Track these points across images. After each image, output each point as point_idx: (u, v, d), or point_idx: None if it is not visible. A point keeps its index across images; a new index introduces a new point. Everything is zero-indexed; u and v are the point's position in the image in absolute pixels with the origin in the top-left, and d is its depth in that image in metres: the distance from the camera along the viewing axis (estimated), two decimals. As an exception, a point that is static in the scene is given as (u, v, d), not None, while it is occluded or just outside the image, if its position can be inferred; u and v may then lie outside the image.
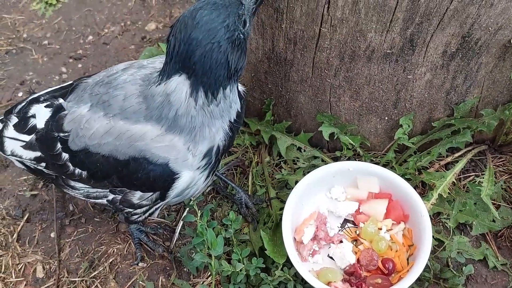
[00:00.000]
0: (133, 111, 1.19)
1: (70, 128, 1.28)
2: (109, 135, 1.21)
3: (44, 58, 2.10)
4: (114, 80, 1.26)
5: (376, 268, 1.41)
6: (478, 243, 1.53)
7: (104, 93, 1.25)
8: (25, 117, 1.39)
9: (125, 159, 1.21)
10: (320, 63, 1.41)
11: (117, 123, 1.21)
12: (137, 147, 1.19)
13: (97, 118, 1.23)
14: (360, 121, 1.57)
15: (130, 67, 1.29)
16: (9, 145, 1.40)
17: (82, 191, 1.37)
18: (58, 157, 1.31)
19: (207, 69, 1.09)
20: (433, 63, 1.38)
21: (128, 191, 1.30)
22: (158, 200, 1.31)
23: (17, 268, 1.57)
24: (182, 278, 1.53)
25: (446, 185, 1.54)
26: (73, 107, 1.31)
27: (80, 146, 1.26)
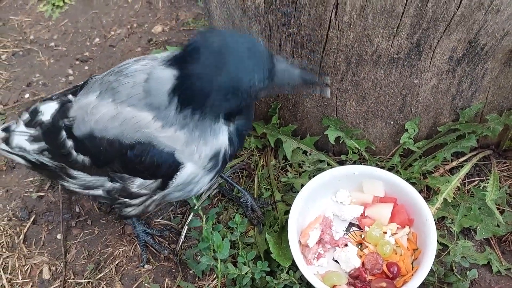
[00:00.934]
0: (138, 99, 1.19)
1: (75, 114, 1.29)
2: (115, 119, 1.21)
3: (50, 60, 2.11)
4: (125, 69, 1.27)
5: (381, 271, 1.42)
6: (482, 248, 1.53)
7: (114, 81, 1.25)
8: (35, 114, 1.41)
9: (131, 143, 1.21)
10: (327, 67, 1.42)
11: (124, 109, 1.20)
12: (144, 133, 1.19)
13: (105, 103, 1.24)
14: (366, 125, 1.58)
15: (142, 58, 1.29)
16: (16, 139, 1.41)
17: (81, 182, 1.37)
18: (62, 145, 1.32)
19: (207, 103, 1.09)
20: (439, 68, 1.38)
21: (128, 177, 1.29)
22: (158, 189, 1.30)
23: (24, 270, 1.58)
24: (188, 280, 1.53)
25: (451, 189, 1.55)
26: (81, 99, 1.32)
27: (85, 131, 1.26)
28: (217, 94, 1.07)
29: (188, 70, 1.07)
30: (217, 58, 1.04)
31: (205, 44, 1.06)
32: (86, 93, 1.32)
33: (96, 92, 1.29)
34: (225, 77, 1.05)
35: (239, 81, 1.06)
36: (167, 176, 1.25)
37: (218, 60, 1.04)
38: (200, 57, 1.05)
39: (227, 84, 1.06)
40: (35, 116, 1.41)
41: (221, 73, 1.04)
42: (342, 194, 1.55)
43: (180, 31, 2.18)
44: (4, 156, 1.62)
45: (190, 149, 1.20)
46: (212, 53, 1.05)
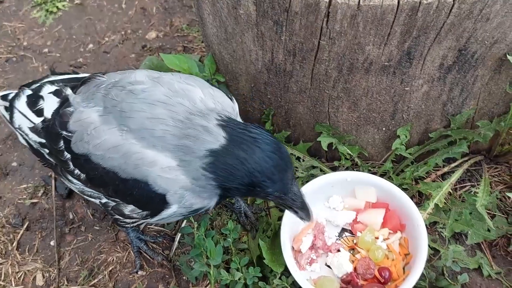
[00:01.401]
0: (155, 135, 1.16)
1: (74, 129, 1.26)
2: (116, 151, 1.18)
3: (44, 66, 2.11)
4: (141, 92, 1.22)
5: (373, 276, 1.43)
6: (473, 252, 1.55)
7: (125, 101, 1.21)
8: (37, 95, 1.39)
9: (125, 178, 1.20)
10: (319, 75, 1.43)
11: (129, 141, 1.17)
12: (142, 170, 1.17)
13: (108, 129, 1.20)
14: (358, 131, 1.59)
15: (159, 83, 1.24)
16: (18, 118, 1.40)
17: (78, 186, 1.37)
18: (61, 153, 1.31)
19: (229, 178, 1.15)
20: (430, 76, 1.40)
21: (121, 202, 1.31)
22: (147, 216, 1.31)
23: (17, 276, 1.58)
24: (181, 286, 1.54)
25: (442, 195, 1.56)
26: (80, 105, 1.28)
27: (82, 151, 1.24)
28: (242, 184, 1.16)
29: (235, 154, 1.13)
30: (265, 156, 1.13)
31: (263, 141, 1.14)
32: (87, 99, 1.28)
33: (99, 108, 1.24)
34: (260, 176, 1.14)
35: (268, 184, 1.15)
36: (154, 211, 1.26)
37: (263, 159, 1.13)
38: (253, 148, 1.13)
39: (258, 180, 1.14)
40: (37, 100, 1.37)
41: (260, 171, 1.13)
42: (335, 200, 1.56)
43: (174, 37, 2.18)
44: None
45: (182, 196, 1.21)
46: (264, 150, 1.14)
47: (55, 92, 1.39)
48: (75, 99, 1.31)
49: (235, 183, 1.16)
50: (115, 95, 1.24)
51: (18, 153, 1.84)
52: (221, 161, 1.14)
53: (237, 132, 1.15)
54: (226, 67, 1.61)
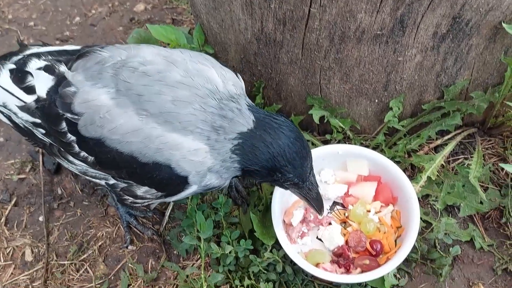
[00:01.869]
0: (180, 118, 1.15)
1: (81, 111, 1.20)
2: (135, 135, 1.15)
3: (30, 39, 2.06)
4: (156, 73, 1.18)
5: (364, 249, 1.42)
6: (466, 225, 1.54)
7: (141, 84, 1.17)
8: (23, 70, 1.31)
9: (145, 162, 1.17)
10: (310, 45, 1.39)
11: (150, 125, 1.15)
12: (164, 154, 1.16)
13: (123, 112, 1.16)
14: (350, 103, 1.57)
15: (172, 63, 1.21)
16: (1, 95, 1.31)
17: (81, 168, 1.32)
18: (62, 135, 1.25)
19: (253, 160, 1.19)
20: (424, 45, 1.37)
21: (135, 184, 1.27)
22: (162, 197, 1.29)
23: (6, 252, 1.56)
24: (172, 260, 1.53)
25: (435, 167, 1.55)
26: (84, 84, 1.22)
27: (94, 135, 1.19)
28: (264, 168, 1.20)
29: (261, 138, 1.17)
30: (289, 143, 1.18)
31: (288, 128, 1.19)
32: (92, 79, 1.21)
33: (110, 89, 1.19)
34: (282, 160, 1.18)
35: (289, 169, 1.20)
36: (173, 192, 1.26)
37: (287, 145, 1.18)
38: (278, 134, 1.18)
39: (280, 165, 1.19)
40: (24, 76, 1.29)
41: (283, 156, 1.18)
42: (326, 173, 1.54)
43: (163, 10, 2.13)
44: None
45: (204, 176, 1.21)
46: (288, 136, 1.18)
47: (46, 68, 1.30)
48: (74, 77, 1.24)
49: (258, 166, 1.20)
50: (127, 77, 1.19)
51: (4, 128, 1.80)
52: (248, 144, 1.18)
53: (263, 117, 1.20)
54: (215, 37, 1.56)
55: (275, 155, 1.17)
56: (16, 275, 1.53)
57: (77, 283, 1.51)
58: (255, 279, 1.43)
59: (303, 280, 1.45)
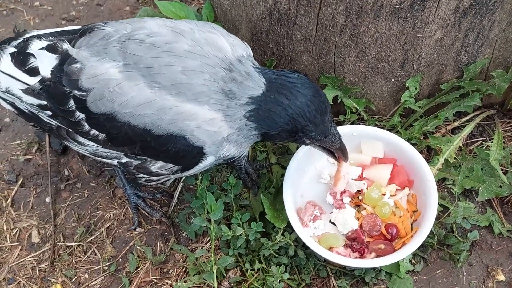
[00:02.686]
0: (193, 89, 1.12)
1: (89, 86, 1.16)
2: (149, 107, 1.12)
3: (36, 19, 2.02)
4: (164, 44, 1.15)
5: (379, 233, 1.38)
6: (484, 209, 1.49)
7: (150, 57, 1.14)
8: (24, 52, 1.27)
9: (159, 134, 1.14)
10: (325, 20, 1.34)
11: (164, 96, 1.12)
12: (178, 125, 1.13)
13: (134, 85, 1.13)
14: (365, 83, 1.51)
15: (178, 33, 1.17)
16: (3, 80, 1.28)
17: (91, 148, 1.29)
18: (70, 114, 1.21)
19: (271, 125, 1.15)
20: (444, 20, 1.31)
21: (149, 160, 1.24)
22: (178, 171, 1.25)
23: (12, 233, 1.54)
24: (181, 243, 1.49)
25: (452, 150, 1.50)
26: (89, 60, 1.18)
27: (104, 110, 1.16)
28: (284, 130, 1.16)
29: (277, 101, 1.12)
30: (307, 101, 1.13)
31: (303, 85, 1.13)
32: (97, 54, 1.18)
33: (118, 63, 1.15)
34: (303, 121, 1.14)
35: (311, 128, 1.16)
36: (190, 164, 1.22)
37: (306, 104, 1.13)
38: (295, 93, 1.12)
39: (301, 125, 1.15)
40: (26, 58, 1.26)
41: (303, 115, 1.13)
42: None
43: (171, -12, 2.07)
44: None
45: (220, 146, 1.18)
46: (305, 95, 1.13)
47: (48, 47, 1.27)
48: (79, 53, 1.21)
49: (277, 130, 1.16)
50: (134, 50, 1.16)
51: (10, 108, 1.77)
52: (263, 109, 1.13)
53: (275, 78, 1.14)
54: (225, 14, 1.51)
55: (295, 117, 1.13)
56: (23, 256, 1.50)
57: (84, 265, 1.48)
58: (266, 262, 1.40)
59: (315, 264, 1.42)
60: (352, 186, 1.43)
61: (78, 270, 1.48)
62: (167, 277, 1.45)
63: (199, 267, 1.41)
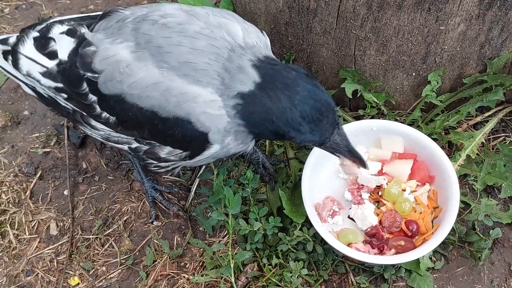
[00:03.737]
0: (197, 68, 1.10)
1: (101, 68, 1.16)
2: (155, 89, 1.11)
3: (54, 13, 2.03)
4: (176, 25, 1.14)
5: (399, 229, 1.36)
6: (506, 207, 1.46)
7: (161, 36, 1.13)
8: (46, 36, 1.28)
9: (166, 117, 1.13)
10: (346, 12, 1.32)
11: (170, 77, 1.10)
12: (184, 108, 1.11)
13: (143, 66, 1.12)
14: (385, 77, 1.49)
15: (193, 15, 1.16)
16: (25, 64, 1.29)
17: (103, 132, 1.29)
18: (84, 96, 1.22)
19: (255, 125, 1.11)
20: (468, 13, 1.28)
21: (158, 145, 1.23)
22: (186, 158, 1.24)
23: (30, 225, 1.55)
24: (198, 237, 1.49)
25: (475, 145, 1.47)
26: (103, 42, 1.18)
27: (114, 92, 1.16)
28: (269, 133, 1.12)
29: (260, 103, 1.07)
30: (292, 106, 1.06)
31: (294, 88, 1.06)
32: (111, 35, 1.18)
33: (129, 43, 1.15)
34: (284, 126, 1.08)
35: (294, 135, 1.09)
36: (196, 151, 1.20)
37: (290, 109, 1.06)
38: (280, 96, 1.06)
39: (283, 130, 1.09)
40: (47, 42, 1.27)
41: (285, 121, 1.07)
42: (359, 150, 1.46)
43: (189, -18, 2.07)
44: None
45: (224, 135, 1.15)
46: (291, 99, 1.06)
47: (68, 31, 1.27)
48: (95, 36, 1.21)
49: (262, 130, 1.12)
50: (147, 30, 1.15)
51: (29, 102, 1.78)
52: (248, 109, 1.09)
53: (270, 75, 1.08)
54: (244, 7, 1.50)
55: (275, 121, 1.07)
56: (41, 248, 1.51)
57: (102, 258, 1.48)
58: (283, 258, 1.39)
59: (333, 260, 1.40)
60: (371, 182, 1.41)
61: (96, 263, 1.48)
62: (184, 271, 1.45)
63: (216, 262, 1.40)
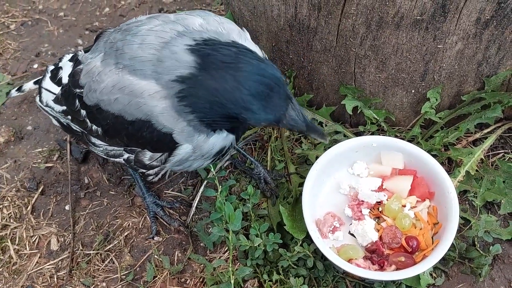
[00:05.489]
0: (142, 61, 1.10)
1: (84, 82, 1.22)
2: (116, 90, 1.13)
3: (59, 30, 2.06)
4: (135, 27, 1.18)
5: (400, 245, 1.36)
6: (506, 223, 1.46)
7: (120, 40, 1.17)
8: (57, 67, 1.40)
9: (132, 120, 1.15)
10: (345, 31, 1.34)
11: (124, 76, 1.12)
12: (142, 110, 1.11)
13: (108, 70, 1.16)
14: (385, 94, 1.51)
15: (154, 17, 1.21)
16: (45, 96, 1.41)
17: (102, 148, 1.33)
18: (78, 113, 1.28)
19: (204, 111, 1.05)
20: (466, 32, 1.30)
21: (139, 150, 1.25)
22: (166, 161, 1.25)
23: (31, 240, 1.55)
24: (199, 253, 1.49)
25: (474, 162, 1.48)
26: (87, 58, 1.26)
27: (93, 102, 1.20)
28: (222, 117, 1.05)
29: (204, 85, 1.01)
30: (238, 85, 0.99)
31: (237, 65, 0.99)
32: (93, 52, 1.26)
33: (101, 54, 1.21)
34: (235, 108, 1.01)
35: (247, 115, 1.02)
36: (168, 150, 1.20)
37: (237, 88, 0.99)
38: (224, 76, 0.99)
39: (234, 112, 1.02)
40: (58, 71, 1.38)
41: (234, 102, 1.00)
42: (359, 166, 1.48)
43: (192, 0, 2.11)
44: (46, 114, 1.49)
45: (189, 136, 1.15)
46: (236, 77, 0.99)
47: (71, 58, 1.40)
48: (84, 56, 1.29)
49: (213, 117, 1.06)
50: (113, 38, 1.21)
51: (33, 117, 1.80)
52: (192, 93, 1.03)
53: (209, 55, 1.01)
54: (246, 25, 1.53)
55: (224, 103, 1.00)
56: (41, 264, 1.51)
57: (102, 273, 1.48)
58: (284, 274, 1.39)
59: (334, 276, 1.40)
60: (371, 197, 1.42)
61: (96, 279, 1.48)
62: (184, 287, 1.44)
63: (216, 278, 1.40)
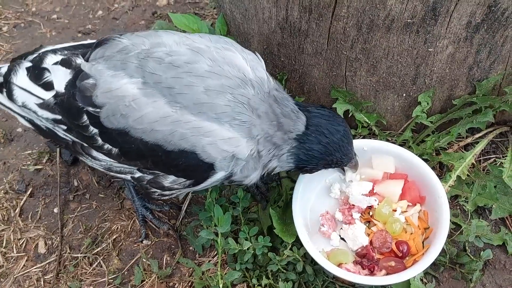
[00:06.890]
0: (215, 109, 1.13)
1: (104, 101, 1.17)
2: (164, 123, 1.13)
3: (52, 32, 2.06)
4: (184, 65, 1.16)
5: (390, 250, 1.35)
6: (497, 228, 1.46)
7: (170, 76, 1.14)
8: (39, 66, 1.28)
9: (171, 149, 1.15)
10: (336, 34, 1.34)
11: (186, 116, 1.13)
12: (190, 140, 1.13)
13: (152, 102, 1.13)
14: (376, 97, 1.50)
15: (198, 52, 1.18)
16: (20, 95, 1.29)
17: (105, 163, 1.29)
18: (84, 128, 1.22)
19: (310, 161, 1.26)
20: (456, 35, 1.30)
21: (161, 174, 1.23)
22: (190, 185, 1.25)
23: (19, 243, 1.53)
24: (188, 257, 1.48)
25: (465, 166, 1.47)
26: (103, 74, 1.19)
27: (118, 126, 1.16)
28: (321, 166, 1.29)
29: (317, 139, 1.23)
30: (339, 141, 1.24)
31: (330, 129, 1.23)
32: (114, 69, 1.18)
33: (136, 80, 1.16)
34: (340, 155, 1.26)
35: (345, 160, 1.29)
36: (200, 179, 1.22)
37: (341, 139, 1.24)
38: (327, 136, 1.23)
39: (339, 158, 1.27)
40: (42, 72, 1.27)
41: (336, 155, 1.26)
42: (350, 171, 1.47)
43: (185, 4, 2.11)
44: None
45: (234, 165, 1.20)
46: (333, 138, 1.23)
47: (63, 62, 1.28)
48: (93, 68, 1.21)
49: (314, 164, 1.26)
50: (154, 69, 1.16)
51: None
52: (305, 147, 1.22)
53: (313, 115, 1.23)
54: (237, 28, 1.52)
55: (333, 153, 1.24)
56: (28, 267, 1.50)
57: (89, 277, 1.47)
58: (273, 278, 1.37)
59: (324, 281, 1.39)
60: (362, 202, 1.41)
61: (83, 282, 1.46)
62: (173, 291, 1.43)
63: (205, 282, 1.39)
